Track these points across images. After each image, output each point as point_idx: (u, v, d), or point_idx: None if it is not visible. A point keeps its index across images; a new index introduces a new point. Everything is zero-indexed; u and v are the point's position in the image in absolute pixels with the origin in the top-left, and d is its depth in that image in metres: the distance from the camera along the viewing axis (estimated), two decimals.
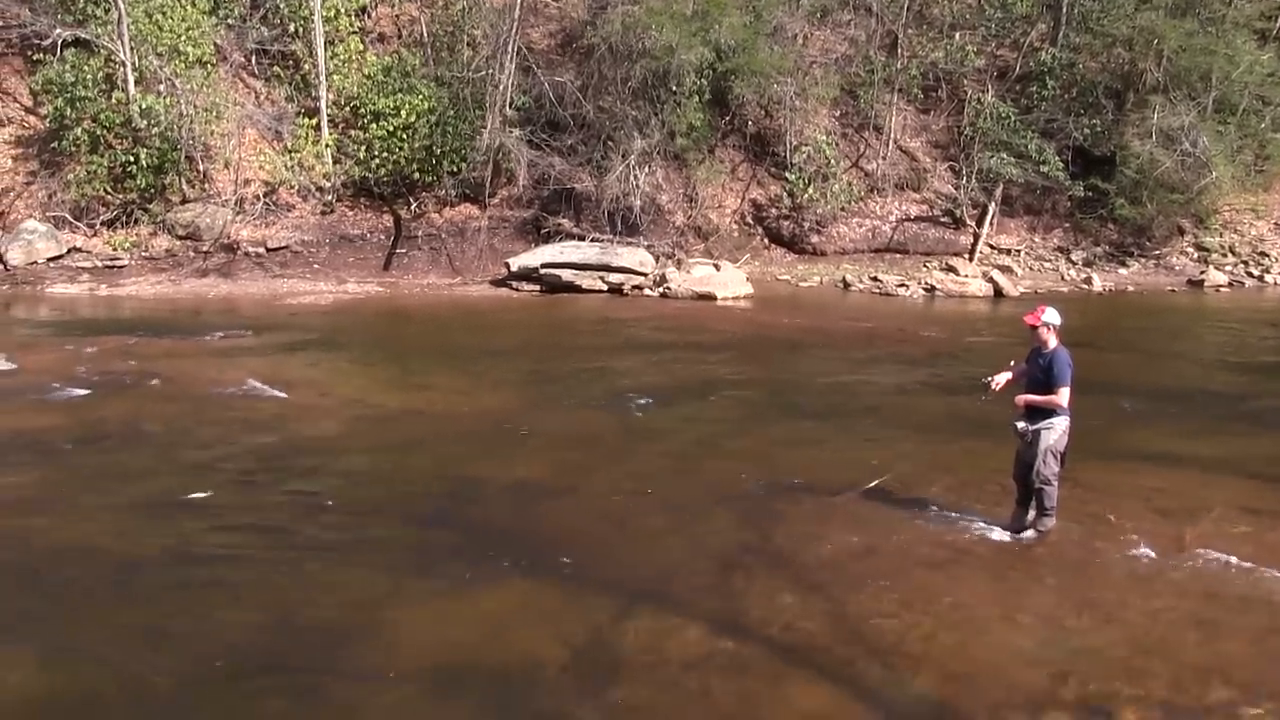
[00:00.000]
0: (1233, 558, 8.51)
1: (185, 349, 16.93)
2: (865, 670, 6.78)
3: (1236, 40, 28.84)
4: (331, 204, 26.13)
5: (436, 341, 18.95)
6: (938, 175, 29.39)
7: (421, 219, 26.40)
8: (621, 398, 14.03)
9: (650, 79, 26.01)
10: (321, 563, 8.37)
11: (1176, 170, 27.61)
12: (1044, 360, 8.71)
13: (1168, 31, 28.09)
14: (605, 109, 26.40)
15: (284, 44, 27.62)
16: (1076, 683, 6.62)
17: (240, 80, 27.32)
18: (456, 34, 27.81)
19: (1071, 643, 7.15)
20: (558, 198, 26.41)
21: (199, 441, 11.79)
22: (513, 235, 26.51)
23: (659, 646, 7.08)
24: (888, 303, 24.28)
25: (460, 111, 26.02)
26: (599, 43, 26.27)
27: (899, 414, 13.61)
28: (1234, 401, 14.53)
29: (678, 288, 23.81)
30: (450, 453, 11.65)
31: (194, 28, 25.45)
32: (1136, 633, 7.32)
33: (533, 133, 26.32)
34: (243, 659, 6.84)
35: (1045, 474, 8.76)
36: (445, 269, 25.74)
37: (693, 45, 25.56)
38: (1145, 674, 6.77)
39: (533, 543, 8.84)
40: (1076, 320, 23.23)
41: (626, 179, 25.69)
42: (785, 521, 9.39)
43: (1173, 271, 28.68)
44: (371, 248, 26.00)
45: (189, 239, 24.79)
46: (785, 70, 27.44)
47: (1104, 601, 7.76)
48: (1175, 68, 28.57)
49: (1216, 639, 7.25)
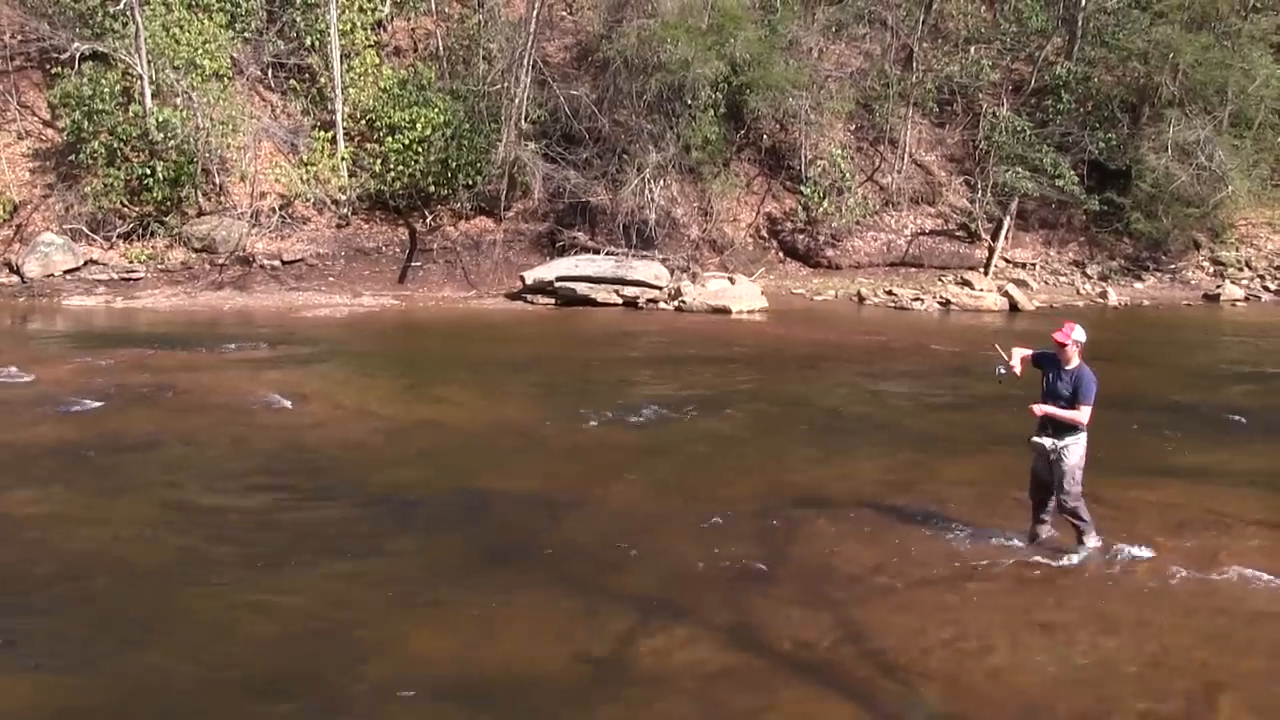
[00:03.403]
0: (1253, 572, 8.42)
1: (202, 361, 16.98)
2: (877, 685, 6.74)
3: (1253, 54, 28.71)
4: (347, 217, 26.23)
5: (451, 354, 18.96)
6: (953, 189, 29.33)
7: (437, 232, 26.48)
8: (636, 410, 14.00)
9: (665, 92, 26.06)
10: (335, 575, 8.36)
11: (1192, 184, 27.51)
12: (1068, 376, 8.60)
13: (1183, 46, 28.04)
14: (620, 122, 26.47)
15: (300, 57, 27.81)
16: (1092, 699, 6.57)
17: (256, 93, 27.49)
18: (472, 47, 27.96)
19: (1089, 659, 7.09)
20: (573, 211, 26.46)
21: (216, 453, 11.82)
22: (528, 248, 26.56)
23: (671, 660, 7.05)
24: (903, 317, 24.21)
25: (475, 125, 26.12)
26: (614, 56, 26.36)
27: (913, 428, 13.55)
28: (1251, 415, 14.43)
29: (693, 301, 23.81)
30: (465, 465, 11.65)
31: (211, 41, 25.63)
32: (1154, 648, 7.26)
33: (548, 146, 26.39)
34: (257, 671, 6.84)
35: (1075, 493, 8.68)
36: (460, 282, 25.79)
37: (708, 59, 25.61)
38: (1162, 690, 6.72)
39: (546, 555, 8.83)
40: (1093, 335, 22.79)
41: (641, 192, 25.73)
42: (798, 535, 9.35)
43: (1188, 286, 28.54)
44: (387, 261, 26.07)
45: (205, 252, 24.92)
46: (800, 84, 27.47)
47: (1123, 617, 7.69)
48: (1191, 82, 28.53)
49: (1237, 654, 7.18)
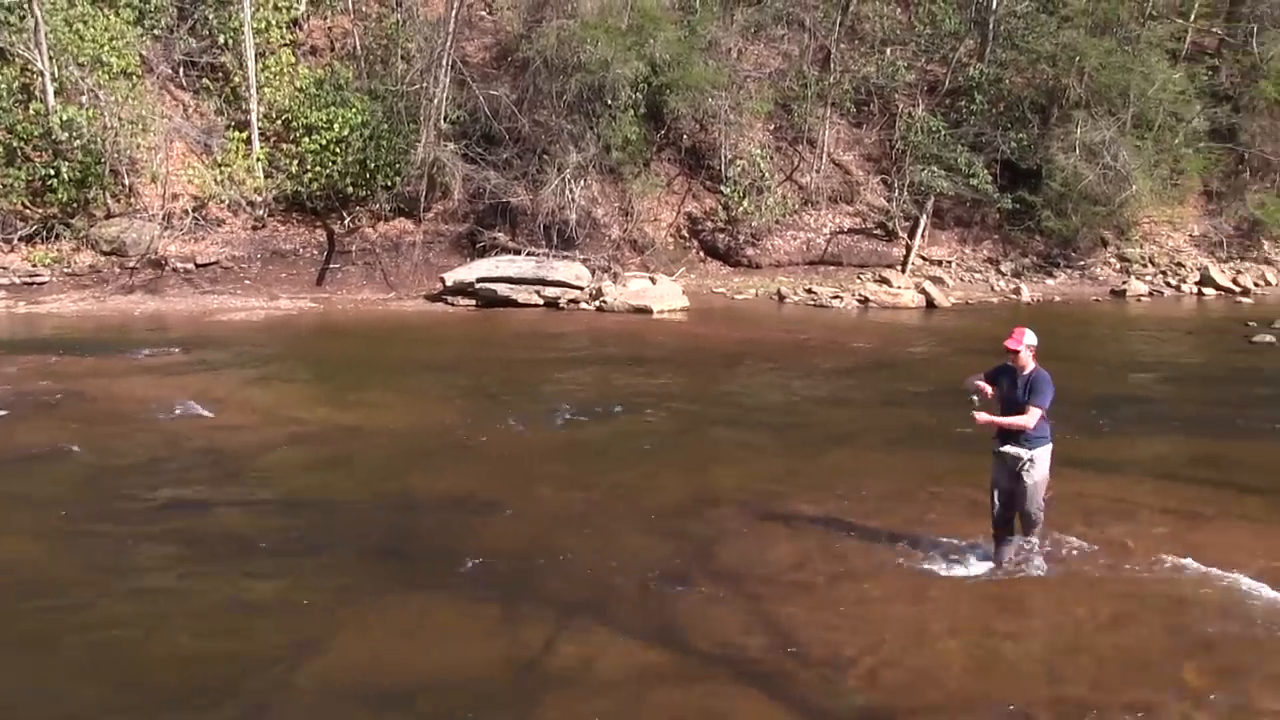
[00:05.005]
0: (1160, 557, 8.74)
1: (111, 367, 16.51)
2: (800, 681, 6.84)
3: (1151, 59, 29.70)
4: (263, 219, 25.71)
5: (371, 357, 18.72)
6: (870, 188, 29.74)
7: (355, 234, 26.10)
8: (557, 412, 13.98)
9: (585, 93, 26.00)
10: (254, 582, 8.23)
11: (1099, 183, 28.33)
12: (1023, 382, 8.39)
13: (1088, 49, 28.95)
14: (541, 123, 26.35)
15: (213, 56, 27.16)
16: (1006, 685, 6.72)
17: (168, 92, 26.79)
18: (390, 47, 27.58)
19: (1004, 647, 7.25)
20: (493, 212, 26.27)
21: (127, 462, 11.50)
22: (448, 250, 26.32)
23: (594, 660, 7.06)
24: (822, 315, 24.49)
25: (394, 125, 25.81)
26: (534, 56, 26.21)
27: (834, 426, 13.72)
28: (1156, 406, 14.87)
29: (614, 301, 23.82)
30: (385, 468, 11.52)
31: (118, 38, 24.89)
32: (1067, 635, 7.47)
33: (468, 147, 26.17)
34: (174, 681, 6.71)
35: (1041, 503, 8.56)
36: (380, 284, 25.47)
37: (627, 59, 25.61)
38: (1072, 675, 6.90)
39: (469, 559, 8.76)
40: (1006, 330, 23.54)
41: (562, 193, 25.63)
42: (720, 534, 9.41)
43: (1097, 282, 29.34)
44: (304, 263, 25.64)
45: (114, 255, 24.21)
46: (720, 84, 27.62)
47: (1036, 606, 7.89)
48: (1096, 84, 29.43)
49: (1145, 639, 7.41)
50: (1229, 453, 12.55)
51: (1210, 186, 32.46)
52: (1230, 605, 7.92)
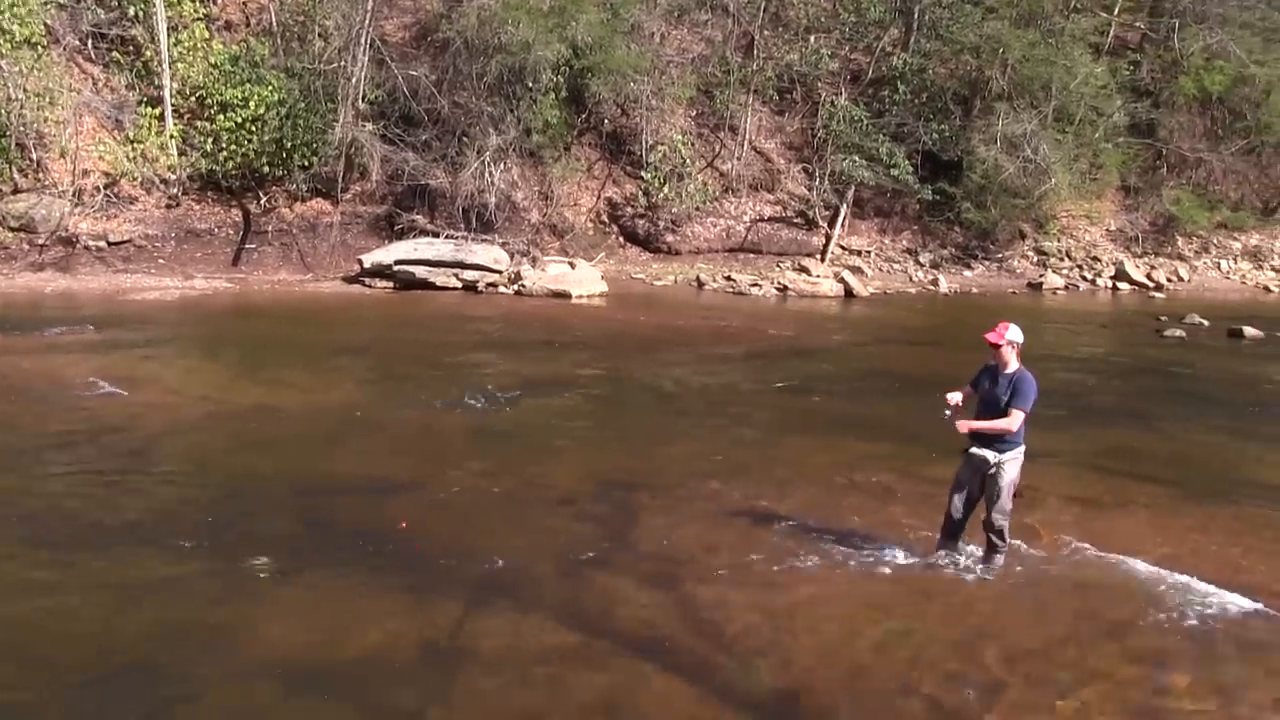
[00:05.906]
0: (1064, 540, 9.04)
1: (20, 345, 16.08)
2: (713, 661, 6.92)
3: (1074, 52, 30.16)
4: (177, 197, 25.15)
5: (287, 338, 18.44)
6: (791, 176, 29.95)
7: (272, 214, 25.63)
8: (473, 395, 13.89)
9: (506, 75, 25.82)
10: (167, 562, 8.11)
11: (1019, 176, 28.81)
12: (1005, 381, 7.93)
13: (1011, 41, 29.30)
14: (461, 104, 26.09)
15: (123, 28, 26.40)
16: (909, 665, 6.86)
17: (76, 65, 26.02)
18: (307, 24, 27.07)
19: (910, 630, 7.36)
20: (412, 194, 25.99)
21: (37, 442, 11.19)
22: (366, 231, 25.99)
23: (510, 641, 7.08)
24: (741, 302, 24.63)
25: (311, 104, 25.37)
26: (454, 37, 25.93)
27: (751, 411, 13.84)
28: (1068, 399, 15.17)
29: (533, 285, 23.72)
30: (301, 450, 11.42)
31: (19, 4, 24.01)
32: (972, 617, 7.63)
33: (386, 127, 25.85)
34: (88, 663, 6.64)
35: (1007, 510, 8.16)
36: (297, 265, 25.07)
37: (549, 41, 25.45)
38: (973, 656, 7.05)
39: (382, 539, 8.72)
40: (923, 320, 24.20)
41: (482, 176, 25.44)
42: (636, 517, 9.46)
43: (1014, 274, 29.89)
44: (220, 243, 25.13)
45: (22, 231, 23.50)
46: (642, 69, 27.57)
47: (942, 590, 8.02)
48: (1019, 76, 29.87)
49: (1047, 622, 7.60)
50: (1135, 444, 12.95)
51: (1128, 181, 33.18)
52: (1131, 589, 8.15)
